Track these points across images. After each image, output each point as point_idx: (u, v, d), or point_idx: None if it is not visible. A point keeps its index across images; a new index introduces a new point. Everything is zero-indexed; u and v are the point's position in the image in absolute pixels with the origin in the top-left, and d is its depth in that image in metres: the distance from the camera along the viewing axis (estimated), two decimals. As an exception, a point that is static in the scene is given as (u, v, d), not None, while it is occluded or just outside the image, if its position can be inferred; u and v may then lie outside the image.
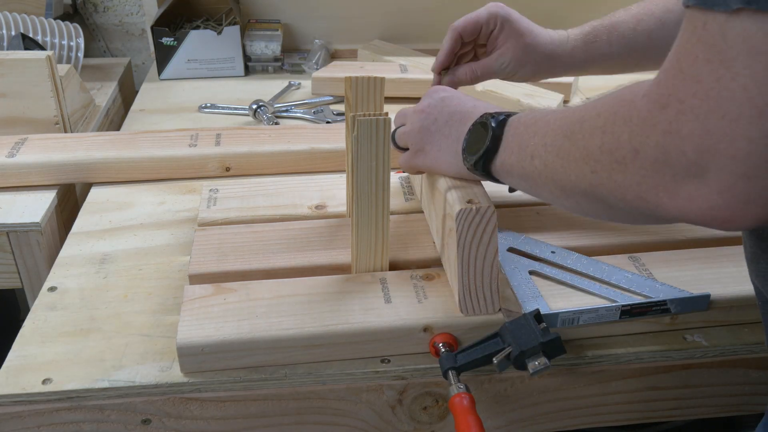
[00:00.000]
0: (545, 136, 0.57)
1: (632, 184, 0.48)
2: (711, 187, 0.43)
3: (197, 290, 0.71)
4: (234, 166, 1.01)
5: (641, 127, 0.46)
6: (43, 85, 1.05)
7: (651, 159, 0.46)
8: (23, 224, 0.89)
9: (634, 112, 0.47)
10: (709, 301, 0.71)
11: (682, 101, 0.43)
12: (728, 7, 0.40)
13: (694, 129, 0.43)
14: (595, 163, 0.51)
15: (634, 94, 0.48)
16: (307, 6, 1.52)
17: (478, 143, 0.65)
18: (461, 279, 0.67)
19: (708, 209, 0.44)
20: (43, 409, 0.64)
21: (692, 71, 0.43)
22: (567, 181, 0.55)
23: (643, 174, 0.46)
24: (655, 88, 0.45)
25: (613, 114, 0.49)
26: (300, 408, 0.67)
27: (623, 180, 0.48)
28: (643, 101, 0.46)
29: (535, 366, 0.62)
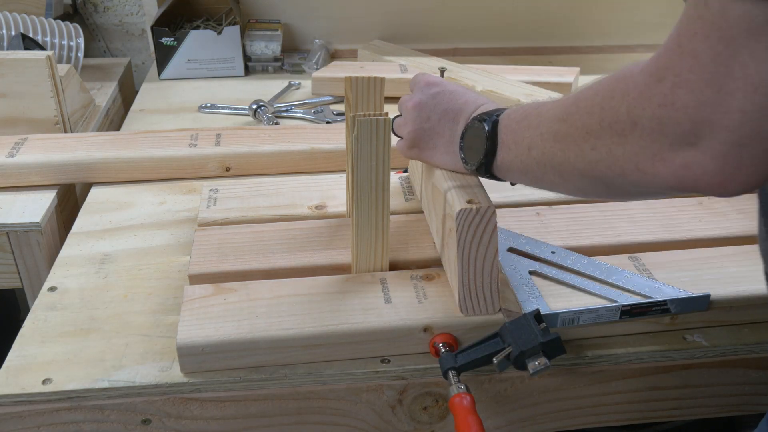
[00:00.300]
0: (539, 126, 0.59)
1: (630, 155, 0.49)
2: (705, 154, 0.45)
3: (197, 290, 0.71)
4: (234, 166, 1.01)
5: (638, 100, 0.47)
6: (43, 85, 1.05)
7: (648, 130, 0.47)
8: (23, 224, 0.89)
9: (632, 85, 0.48)
10: (709, 302, 0.71)
11: (678, 74, 0.45)
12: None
13: (688, 101, 0.44)
14: (595, 139, 0.52)
15: (631, 70, 0.49)
16: (307, 6, 1.52)
17: (476, 150, 0.66)
18: (461, 279, 0.67)
19: (702, 175, 0.46)
20: (43, 409, 0.64)
21: (690, 47, 0.44)
22: (566, 163, 0.56)
23: (642, 144, 0.48)
24: (652, 62, 0.47)
25: (611, 90, 0.50)
26: (300, 408, 0.67)
27: (622, 152, 0.50)
28: (640, 75, 0.48)
29: (535, 366, 0.62)
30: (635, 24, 1.61)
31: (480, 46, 1.56)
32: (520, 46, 1.59)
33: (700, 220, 0.84)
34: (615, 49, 1.61)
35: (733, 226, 0.82)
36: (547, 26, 1.57)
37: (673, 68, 0.45)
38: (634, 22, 1.61)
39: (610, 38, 1.63)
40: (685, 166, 0.46)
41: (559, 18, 1.58)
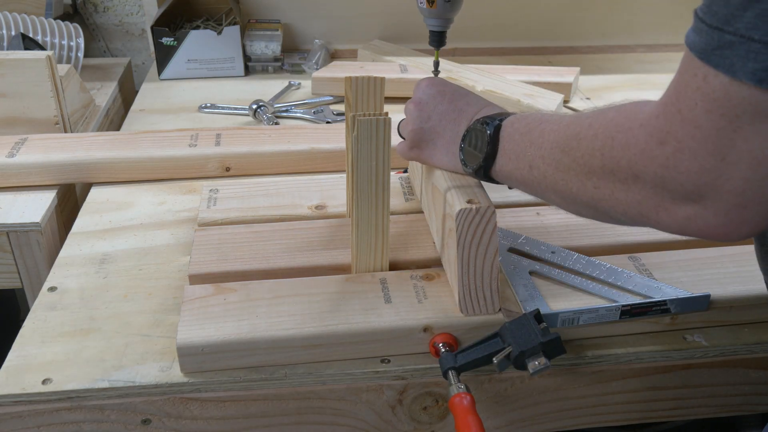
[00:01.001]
0: (541, 147, 0.59)
1: (633, 202, 0.50)
2: (708, 210, 0.46)
3: (197, 290, 0.71)
4: (234, 166, 1.01)
5: (640, 157, 0.48)
6: (43, 85, 1.05)
7: (650, 184, 0.48)
8: (23, 224, 0.89)
9: (632, 140, 0.49)
10: (709, 302, 0.71)
11: (679, 141, 0.45)
12: (734, 75, 0.42)
13: (691, 167, 0.45)
14: (598, 180, 0.52)
15: (631, 121, 0.49)
16: (307, 6, 1.52)
17: (476, 153, 0.66)
18: (461, 279, 0.67)
19: (705, 227, 0.47)
20: (43, 409, 0.64)
21: (691, 116, 0.45)
22: (568, 192, 0.56)
23: (644, 195, 0.49)
24: (653, 121, 0.47)
25: (611, 138, 0.51)
26: (300, 408, 0.67)
27: (625, 198, 0.51)
28: (640, 132, 0.48)
29: (535, 366, 0.62)
30: (635, 24, 1.61)
31: (480, 46, 1.56)
32: (520, 46, 1.59)
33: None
34: (615, 49, 1.62)
35: (733, 226, 0.82)
36: (547, 26, 1.57)
37: (674, 133, 0.45)
38: (634, 22, 1.61)
39: (610, 38, 1.63)
40: (688, 219, 0.47)
41: (559, 18, 1.58)
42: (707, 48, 0.43)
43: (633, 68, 1.51)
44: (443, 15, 0.81)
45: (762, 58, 0.41)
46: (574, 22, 1.60)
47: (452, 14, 0.81)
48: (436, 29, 0.83)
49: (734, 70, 0.42)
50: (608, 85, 1.41)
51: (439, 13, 0.80)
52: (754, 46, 0.41)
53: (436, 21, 0.82)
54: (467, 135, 0.68)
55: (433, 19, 0.81)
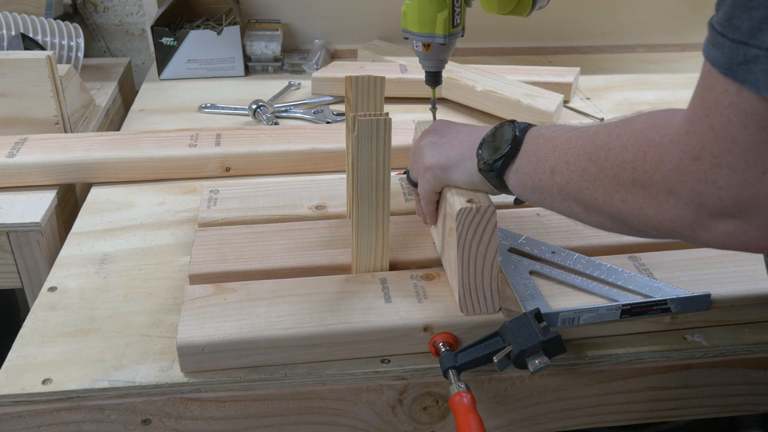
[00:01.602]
0: (567, 153, 0.57)
1: (666, 219, 0.49)
2: (750, 224, 0.45)
3: (197, 290, 0.71)
4: (234, 166, 1.01)
5: (675, 173, 0.47)
6: (43, 85, 1.05)
7: (686, 200, 0.47)
8: (23, 224, 0.89)
9: (666, 156, 0.47)
10: (710, 301, 0.71)
11: (716, 156, 0.44)
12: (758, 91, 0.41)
13: (731, 181, 0.44)
14: (626, 193, 0.51)
15: (662, 136, 0.48)
16: (307, 6, 1.52)
17: (499, 144, 0.64)
18: (461, 278, 0.67)
19: (748, 242, 0.46)
20: (43, 409, 0.64)
21: (726, 132, 0.43)
22: (592, 201, 0.55)
23: (678, 213, 0.48)
24: (684, 137, 0.46)
25: (642, 152, 0.49)
26: (300, 408, 0.67)
27: (656, 214, 0.49)
28: (673, 148, 0.47)
29: (536, 365, 0.62)
30: (635, 24, 1.62)
31: (480, 46, 1.56)
32: (520, 46, 1.59)
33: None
34: (615, 49, 1.62)
35: (733, 226, 0.82)
36: (547, 26, 1.57)
37: (709, 150, 0.44)
38: (634, 22, 1.61)
39: (610, 38, 1.63)
40: (728, 234, 0.46)
41: (559, 18, 1.58)
42: (732, 63, 0.42)
43: (633, 68, 1.51)
44: (438, 57, 0.82)
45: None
46: (574, 22, 1.60)
47: (447, 55, 0.82)
48: (432, 70, 0.84)
49: (758, 85, 0.41)
50: (608, 85, 1.41)
51: (434, 56, 0.81)
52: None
53: (431, 63, 0.83)
54: (492, 132, 0.66)
55: (429, 60, 0.82)
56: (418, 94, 1.24)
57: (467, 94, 1.24)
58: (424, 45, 0.79)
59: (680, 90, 1.39)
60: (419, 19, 0.78)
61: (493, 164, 0.64)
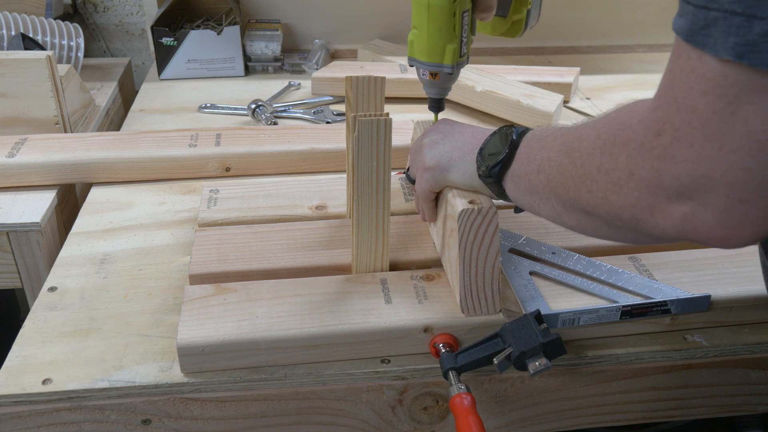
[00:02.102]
0: (550, 150, 0.57)
1: (626, 205, 0.48)
2: (705, 208, 0.44)
3: (197, 290, 0.71)
4: (234, 166, 1.01)
5: (638, 152, 0.46)
6: (43, 85, 1.05)
7: (645, 181, 0.46)
8: (23, 224, 0.89)
9: (632, 135, 0.47)
10: (710, 302, 0.71)
11: (676, 129, 0.44)
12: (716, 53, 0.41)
13: (688, 156, 0.43)
14: (591, 182, 0.51)
15: (631, 119, 0.48)
16: (307, 6, 1.52)
17: (497, 149, 0.64)
18: (462, 279, 0.67)
19: (703, 227, 0.45)
20: (43, 409, 0.64)
21: (687, 102, 0.43)
22: (567, 197, 0.55)
23: (637, 195, 0.47)
24: (650, 113, 0.46)
25: (612, 137, 0.49)
26: (300, 408, 0.67)
27: (617, 200, 0.49)
28: (639, 126, 0.47)
29: (536, 366, 0.62)
30: (635, 24, 1.62)
31: (480, 46, 1.56)
32: (520, 46, 1.59)
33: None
34: (615, 49, 1.62)
35: (734, 227, 0.82)
36: (547, 26, 1.57)
37: (671, 122, 0.44)
38: (634, 22, 1.61)
39: (610, 38, 1.63)
40: (684, 219, 0.45)
41: (559, 18, 1.58)
42: (693, 28, 0.42)
43: (633, 68, 1.51)
44: (444, 85, 0.81)
45: (743, 32, 0.39)
46: (574, 22, 1.60)
47: (452, 83, 0.82)
48: (436, 97, 0.83)
49: (716, 47, 0.40)
50: (608, 85, 1.41)
51: (441, 84, 0.81)
52: (736, 20, 0.39)
53: (437, 90, 0.82)
54: (491, 138, 0.66)
55: (434, 88, 0.82)
56: (418, 94, 1.23)
57: (467, 94, 1.24)
58: (431, 74, 0.79)
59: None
60: (428, 49, 0.77)
61: (491, 170, 0.64)
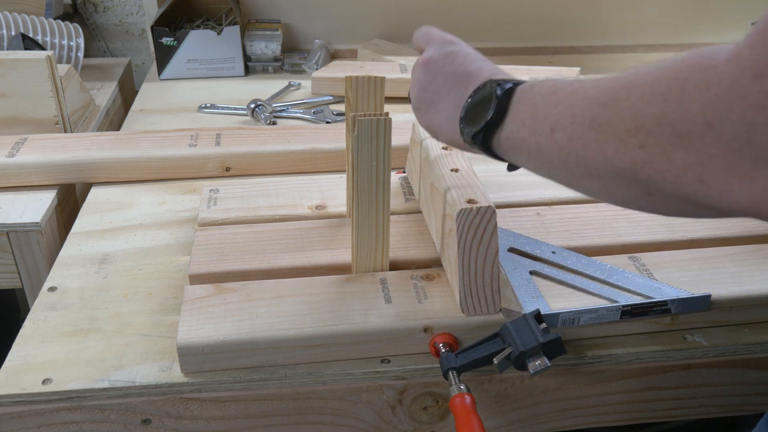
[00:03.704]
0: (572, 106, 0.48)
1: (694, 163, 0.39)
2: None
3: (197, 290, 0.71)
4: (234, 166, 1.01)
5: (723, 98, 0.37)
6: (43, 85, 1.05)
7: (729, 136, 0.37)
8: (23, 224, 0.89)
9: (715, 78, 0.38)
10: (710, 302, 0.71)
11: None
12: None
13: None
14: (647, 136, 0.41)
15: (712, 59, 0.39)
16: (307, 6, 1.52)
17: (478, 114, 0.57)
18: (462, 279, 0.67)
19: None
20: (43, 409, 0.64)
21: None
22: (599, 157, 0.45)
23: (713, 153, 0.38)
24: (747, 52, 0.37)
25: (683, 80, 0.40)
26: (300, 408, 0.67)
27: (683, 158, 0.40)
28: (728, 66, 0.38)
29: (536, 366, 0.62)
30: (635, 24, 1.62)
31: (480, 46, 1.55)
32: (520, 46, 1.59)
33: (700, 221, 0.84)
34: (615, 49, 1.62)
35: (734, 227, 0.82)
36: (547, 26, 1.57)
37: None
38: (634, 22, 1.61)
39: (610, 38, 1.63)
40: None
41: (559, 18, 1.58)
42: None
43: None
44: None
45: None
46: (574, 22, 1.60)
47: None
48: None
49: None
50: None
51: None
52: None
53: None
54: (474, 94, 0.59)
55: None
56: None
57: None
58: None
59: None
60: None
61: (473, 138, 0.57)
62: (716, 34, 1.64)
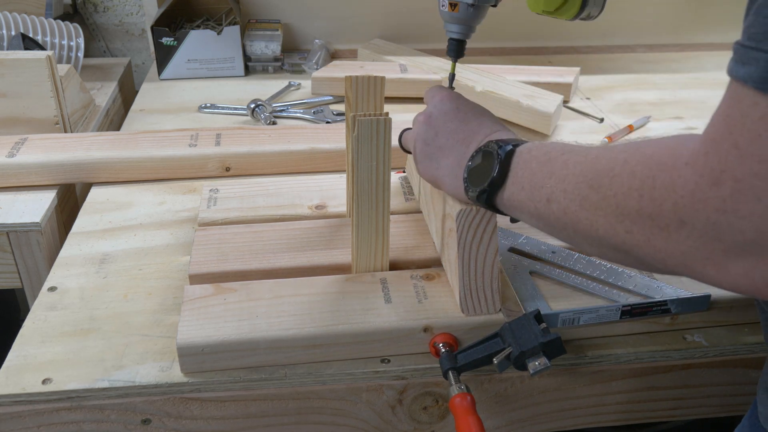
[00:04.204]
0: (564, 180, 0.52)
1: (675, 252, 0.44)
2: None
3: (197, 290, 0.71)
4: (234, 166, 1.01)
5: (689, 200, 0.42)
6: (43, 85, 1.05)
7: (700, 232, 0.42)
8: (23, 224, 0.89)
9: (678, 181, 0.42)
10: (710, 302, 0.71)
11: (738, 180, 0.39)
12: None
13: (755, 210, 0.39)
14: (632, 224, 0.46)
15: (674, 159, 0.43)
16: (307, 6, 1.52)
17: (482, 174, 0.60)
18: (462, 279, 0.67)
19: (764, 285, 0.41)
20: (43, 409, 0.64)
21: (753, 149, 0.39)
22: (593, 232, 0.50)
23: (690, 245, 0.42)
24: (702, 159, 0.41)
25: (651, 178, 0.44)
26: (300, 408, 0.67)
27: (665, 246, 0.44)
28: (687, 171, 0.42)
29: (536, 366, 0.62)
30: (635, 24, 1.62)
31: (480, 46, 1.56)
32: (520, 46, 1.60)
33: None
34: (615, 49, 1.62)
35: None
36: (547, 26, 1.57)
37: (731, 172, 0.39)
38: (634, 22, 1.61)
39: (610, 38, 1.63)
40: (745, 275, 0.41)
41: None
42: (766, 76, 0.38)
43: (633, 68, 1.51)
44: (466, 21, 0.74)
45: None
46: (574, 22, 1.60)
47: (475, 22, 0.75)
48: (456, 37, 0.76)
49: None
50: (608, 85, 1.41)
51: (461, 19, 0.74)
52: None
53: (457, 27, 0.75)
54: (476, 155, 0.62)
55: (454, 24, 0.74)
56: (418, 94, 1.23)
57: (467, 94, 1.24)
58: (451, 4, 0.72)
59: (680, 90, 1.39)
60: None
61: (478, 196, 0.61)
62: (716, 34, 1.64)
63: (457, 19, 0.74)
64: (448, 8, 0.73)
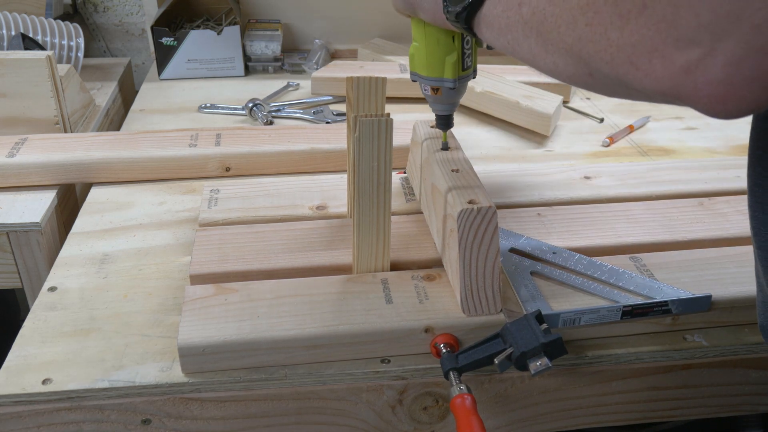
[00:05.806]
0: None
1: (626, 44, 0.43)
2: (716, 58, 0.38)
3: (198, 290, 0.71)
4: (234, 166, 1.01)
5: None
6: (43, 85, 1.05)
7: (658, 17, 0.40)
8: (23, 224, 0.89)
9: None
10: (711, 302, 0.71)
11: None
12: None
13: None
14: (594, 14, 0.45)
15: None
16: (307, 6, 1.52)
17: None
18: (463, 279, 0.67)
19: (705, 83, 0.39)
20: (43, 409, 0.64)
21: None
22: (554, 33, 0.49)
23: (643, 33, 0.41)
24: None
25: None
26: (300, 408, 0.67)
27: (618, 38, 0.43)
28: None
29: (537, 366, 0.62)
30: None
31: (480, 46, 1.56)
32: (520, 46, 1.59)
33: (701, 221, 0.84)
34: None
35: (734, 227, 0.82)
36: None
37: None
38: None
39: (609, 39, 1.63)
40: (687, 70, 0.40)
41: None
42: None
43: (633, 69, 1.51)
44: (449, 101, 0.76)
45: None
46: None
47: (459, 98, 0.77)
48: (442, 113, 0.78)
49: None
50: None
51: (445, 99, 0.76)
52: None
53: (441, 106, 0.78)
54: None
55: (438, 104, 0.77)
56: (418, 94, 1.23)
57: (466, 94, 1.24)
58: (433, 89, 0.75)
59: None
60: (427, 62, 0.73)
61: (457, 16, 0.60)
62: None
63: (441, 100, 0.76)
64: (431, 92, 0.76)
